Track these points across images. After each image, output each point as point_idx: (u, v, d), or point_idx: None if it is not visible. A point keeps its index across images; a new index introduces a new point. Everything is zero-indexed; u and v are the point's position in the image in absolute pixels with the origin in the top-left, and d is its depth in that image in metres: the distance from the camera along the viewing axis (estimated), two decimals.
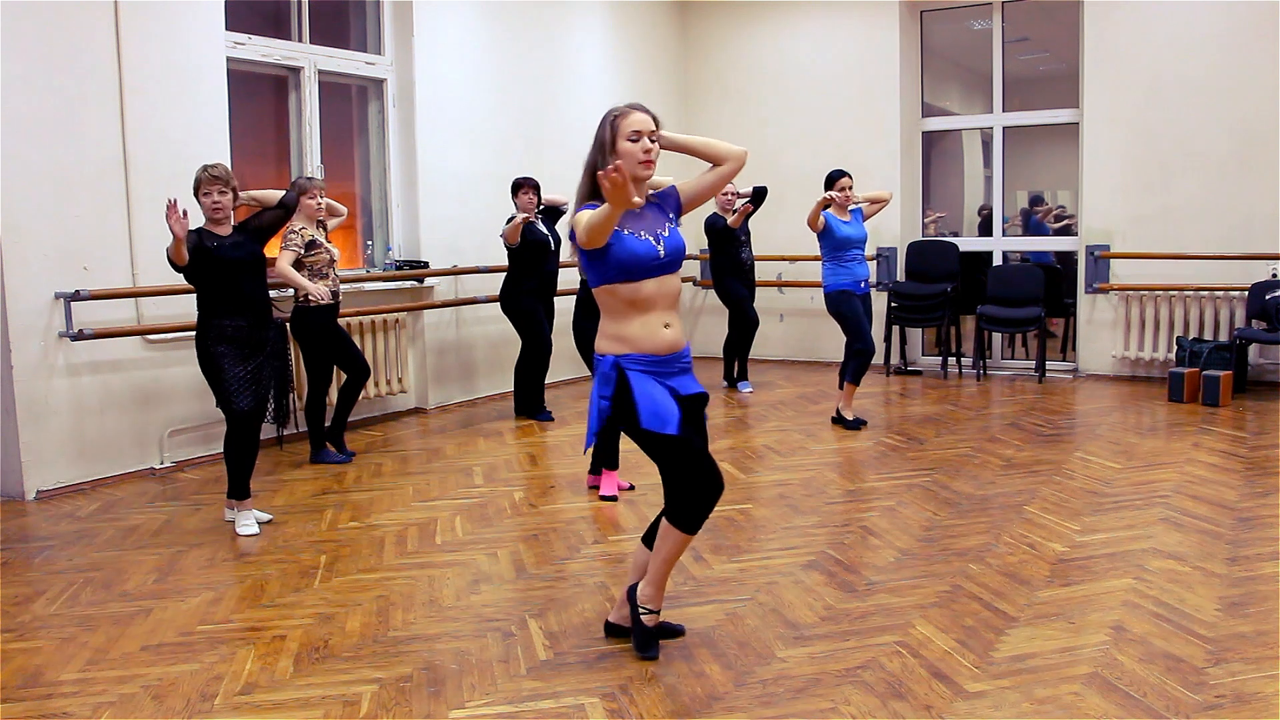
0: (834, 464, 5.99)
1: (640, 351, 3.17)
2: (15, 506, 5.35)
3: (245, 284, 4.76)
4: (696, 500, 3.16)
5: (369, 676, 3.27)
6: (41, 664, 3.41)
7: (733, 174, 3.35)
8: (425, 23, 7.62)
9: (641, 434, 3.14)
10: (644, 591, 3.35)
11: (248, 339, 4.77)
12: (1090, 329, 8.84)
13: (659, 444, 3.16)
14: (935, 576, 4.05)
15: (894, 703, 3.01)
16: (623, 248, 3.13)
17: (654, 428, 3.11)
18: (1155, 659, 3.25)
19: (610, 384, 3.18)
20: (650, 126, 3.18)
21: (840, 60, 9.63)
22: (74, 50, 5.57)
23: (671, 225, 3.28)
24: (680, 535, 3.21)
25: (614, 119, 3.20)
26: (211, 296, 4.72)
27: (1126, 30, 8.47)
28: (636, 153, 3.15)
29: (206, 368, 4.75)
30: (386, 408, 7.50)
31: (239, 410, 4.75)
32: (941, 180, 10.64)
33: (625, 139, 3.17)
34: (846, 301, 6.78)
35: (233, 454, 4.81)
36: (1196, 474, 5.51)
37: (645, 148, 3.16)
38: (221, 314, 4.72)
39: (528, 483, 5.69)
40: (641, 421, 3.12)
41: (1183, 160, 8.32)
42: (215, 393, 4.78)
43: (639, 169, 3.17)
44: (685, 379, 3.28)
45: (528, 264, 7.09)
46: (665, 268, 3.20)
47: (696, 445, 3.20)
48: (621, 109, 3.22)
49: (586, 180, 3.25)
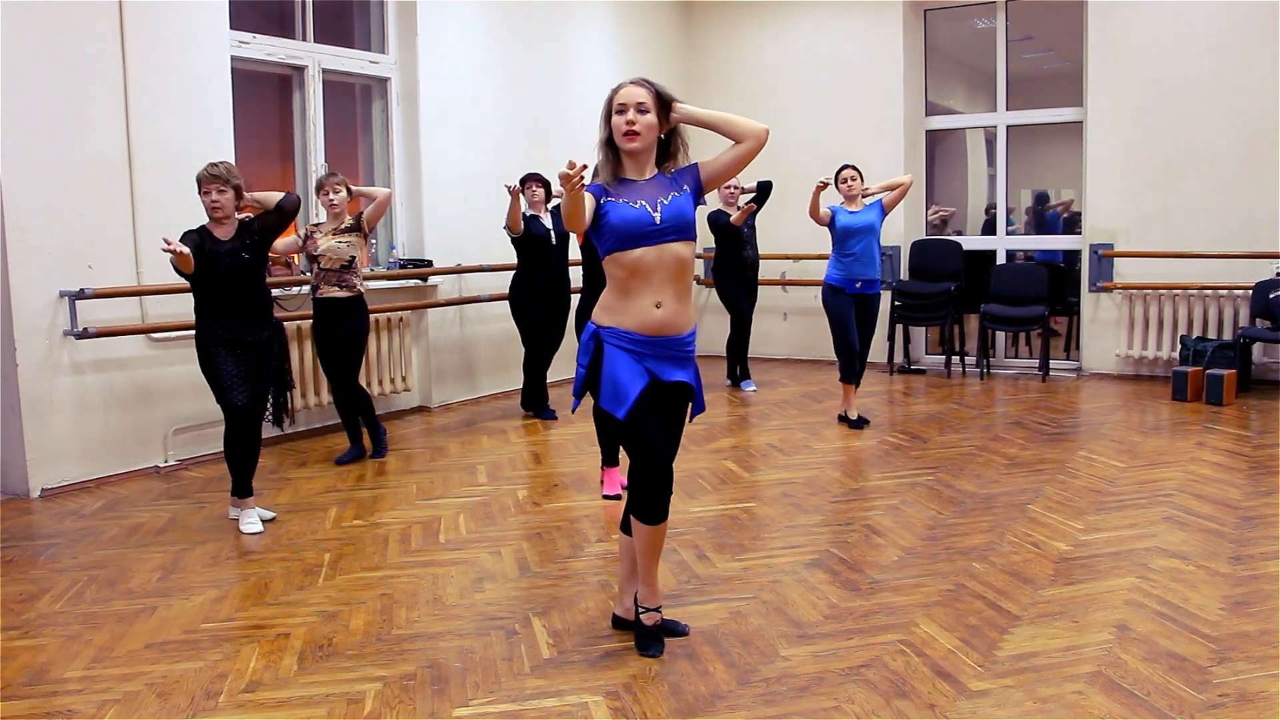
0: (837, 462, 5.99)
1: (624, 328, 3.19)
2: (20, 504, 5.36)
3: (240, 288, 4.75)
4: (642, 489, 3.20)
5: (373, 675, 3.27)
6: (46, 661, 3.42)
7: (753, 153, 3.31)
8: (429, 22, 7.62)
9: (599, 410, 3.20)
10: (640, 591, 3.37)
11: (240, 340, 4.77)
12: (1094, 328, 8.83)
13: (614, 425, 3.21)
14: (939, 575, 4.05)
15: (897, 701, 3.01)
16: (617, 215, 3.17)
17: (607, 408, 3.17)
18: (1159, 658, 3.25)
19: (588, 353, 3.24)
20: (636, 99, 3.19)
21: (844, 59, 9.63)
22: (79, 49, 5.58)
23: (677, 195, 3.25)
24: (642, 526, 3.24)
25: (611, 93, 3.25)
26: (207, 298, 4.72)
27: (1131, 29, 8.46)
28: (620, 125, 3.21)
29: (204, 366, 4.78)
30: (390, 406, 7.50)
31: (234, 406, 4.76)
32: (945, 179, 10.62)
33: (615, 112, 3.22)
34: (832, 298, 6.77)
35: (231, 452, 4.82)
36: (1200, 473, 5.51)
37: (629, 119, 3.19)
38: (214, 315, 4.73)
39: (531, 481, 5.69)
40: (599, 398, 3.19)
41: (1187, 159, 8.31)
42: (213, 391, 4.80)
43: (622, 141, 3.21)
44: (670, 366, 3.25)
45: (530, 259, 7.09)
46: (662, 234, 3.18)
47: (646, 433, 3.18)
48: (621, 83, 3.27)
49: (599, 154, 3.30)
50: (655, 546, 3.29)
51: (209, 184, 4.67)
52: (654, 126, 3.22)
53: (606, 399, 3.16)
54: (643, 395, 3.16)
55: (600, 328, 3.23)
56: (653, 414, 3.21)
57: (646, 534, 3.25)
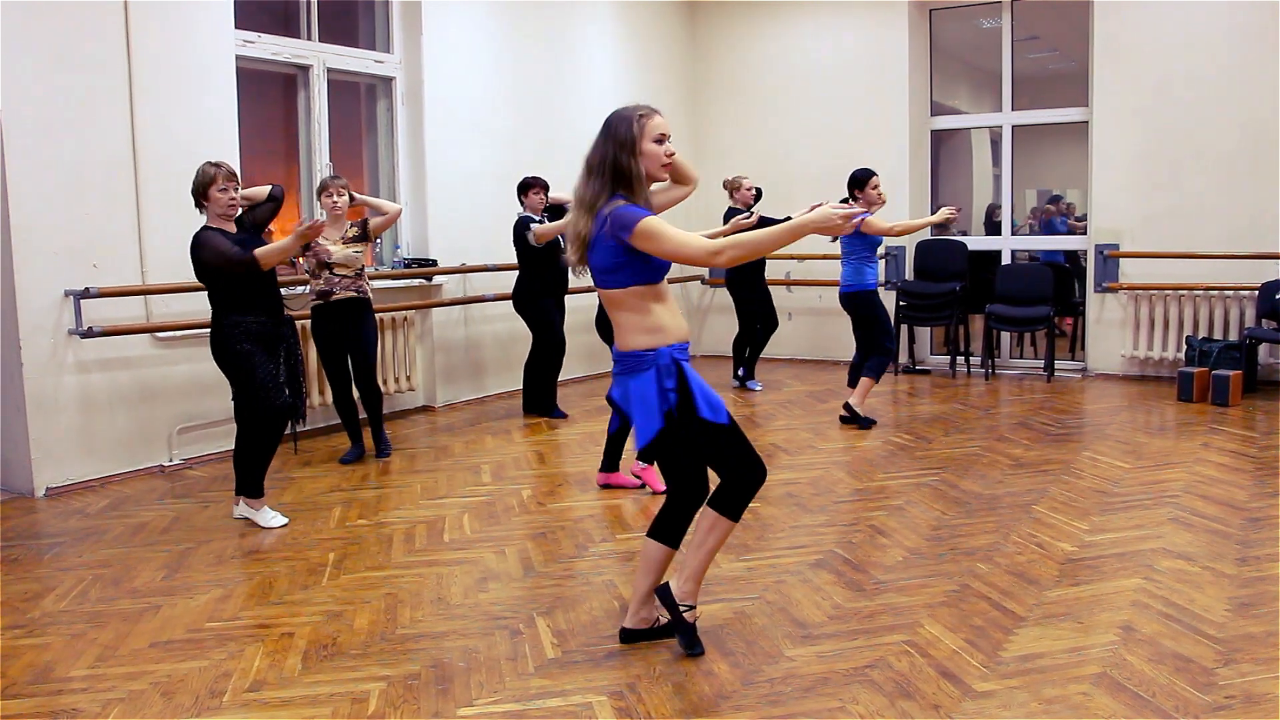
0: (842, 463, 5.99)
1: (677, 340, 3.23)
2: (25, 503, 5.37)
3: (268, 280, 4.80)
4: (749, 487, 3.25)
5: (377, 674, 3.27)
6: (51, 660, 3.42)
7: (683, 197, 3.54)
8: (434, 21, 7.63)
9: (698, 424, 3.17)
10: (684, 587, 3.37)
11: (271, 335, 4.80)
12: (1099, 328, 8.81)
13: (714, 433, 3.21)
14: (943, 576, 4.04)
15: (902, 702, 3.00)
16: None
17: (711, 418, 3.19)
18: (1164, 659, 3.24)
19: (673, 375, 3.19)
20: (670, 131, 3.28)
21: (849, 59, 9.62)
22: (84, 48, 5.59)
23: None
24: (729, 524, 3.29)
25: (639, 118, 3.21)
26: (235, 294, 4.71)
27: (1136, 29, 8.44)
28: (660, 155, 3.22)
29: (234, 367, 4.73)
30: (395, 405, 7.50)
31: (280, 406, 4.76)
32: (950, 179, 10.62)
33: (651, 140, 3.20)
34: (877, 299, 6.82)
35: (263, 451, 4.84)
36: (1206, 474, 5.49)
37: (668, 151, 3.24)
38: (244, 311, 4.72)
39: (536, 481, 5.69)
40: (700, 411, 3.17)
41: (1192, 159, 8.29)
42: (245, 392, 4.75)
43: (660, 171, 3.25)
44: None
45: (542, 263, 7.08)
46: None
47: (742, 435, 3.27)
48: (644, 109, 3.24)
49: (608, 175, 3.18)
50: (725, 543, 3.38)
51: (228, 181, 4.70)
52: None
53: (707, 411, 3.18)
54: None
55: (662, 350, 3.18)
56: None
57: (729, 530, 3.31)
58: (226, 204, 4.69)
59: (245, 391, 4.75)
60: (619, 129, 3.21)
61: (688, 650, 3.35)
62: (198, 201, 4.74)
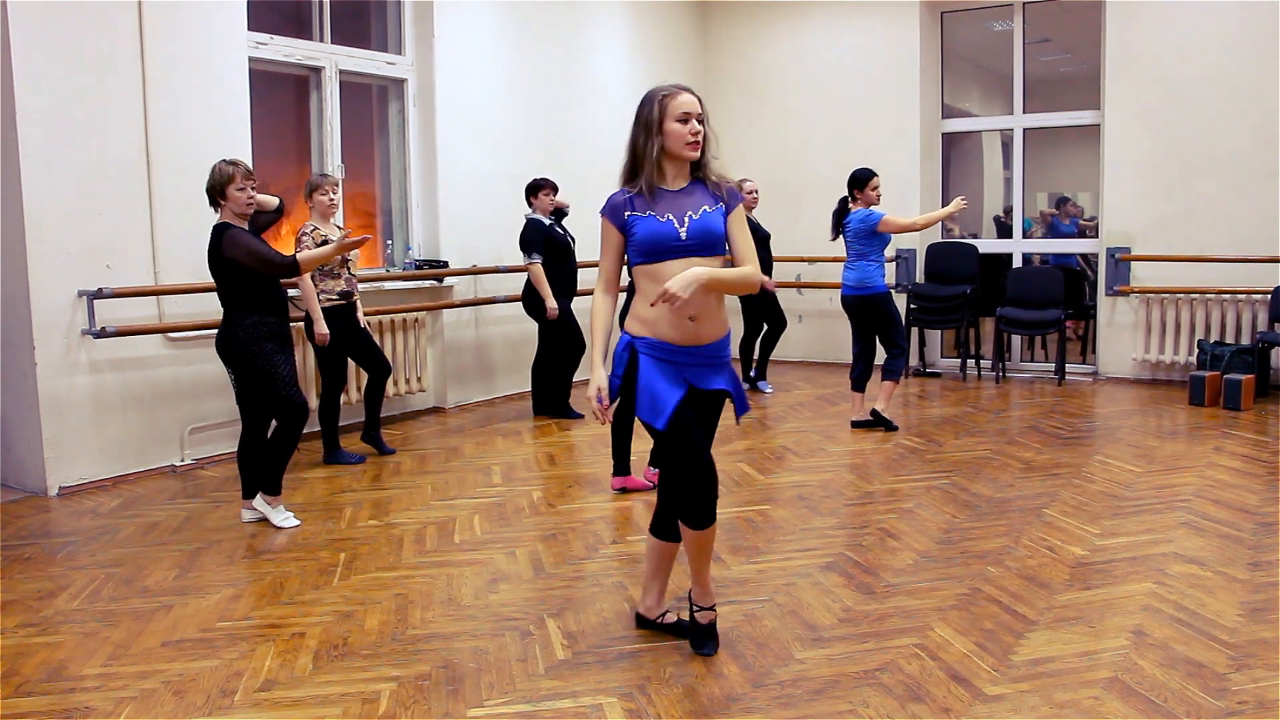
0: (852, 465, 5.98)
1: (659, 338, 3.19)
2: (38, 502, 5.40)
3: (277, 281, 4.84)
4: (689, 495, 3.18)
5: (387, 674, 3.28)
6: (63, 658, 3.44)
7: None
8: (446, 23, 7.64)
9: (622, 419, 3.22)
10: (694, 591, 3.41)
11: (285, 334, 4.86)
12: (1110, 331, 8.79)
13: (654, 435, 3.22)
14: (954, 579, 4.04)
15: (912, 705, 3.00)
16: (643, 228, 3.17)
17: (646, 418, 3.17)
18: (1176, 664, 3.23)
19: (622, 364, 3.23)
20: (697, 109, 3.18)
21: (861, 61, 9.62)
22: (97, 49, 5.62)
23: (708, 210, 3.21)
24: (691, 532, 3.23)
25: (661, 98, 3.18)
26: (254, 294, 4.73)
27: (1148, 31, 8.42)
28: (684, 134, 3.16)
29: (255, 365, 4.74)
30: (405, 406, 7.52)
31: (302, 404, 4.82)
32: (961, 182, 10.59)
33: (674, 119, 3.16)
34: (891, 300, 6.80)
35: (285, 449, 4.87)
36: (1217, 478, 5.47)
37: (693, 130, 3.16)
38: (264, 310, 4.76)
39: (546, 482, 5.70)
40: (637, 409, 3.19)
41: (1204, 162, 8.26)
42: (267, 390, 4.77)
43: (685, 150, 3.18)
44: (708, 373, 3.25)
45: (553, 265, 7.10)
46: (687, 250, 3.16)
47: (692, 440, 3.17)
48: (669, 89, 3.21)
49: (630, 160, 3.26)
50: (706, 550, 3.30)
51: (246, 180, 4.71)
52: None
53: (644, 409, 3.15)
54: (681, 404, 3.16)
55: (635, 338, 3.22)
56: (697, 423, 3.21)
57: (695, 539, 3.24)
58: (245, 203, 4.71)
59: (267, 389, 4.78)
60: (642, 109, 3.22)
61: (697, 650, 3.37)
62: (213, 200, 4.76)
